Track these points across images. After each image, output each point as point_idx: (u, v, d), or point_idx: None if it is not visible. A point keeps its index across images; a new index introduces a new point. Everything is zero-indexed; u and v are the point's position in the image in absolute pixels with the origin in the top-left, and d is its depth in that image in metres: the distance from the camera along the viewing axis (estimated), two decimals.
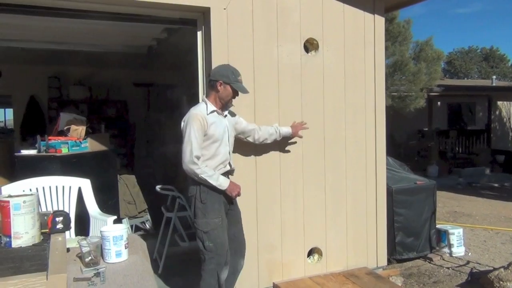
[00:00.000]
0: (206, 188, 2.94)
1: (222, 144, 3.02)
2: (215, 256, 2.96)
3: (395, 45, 10.07)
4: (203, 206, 2.94)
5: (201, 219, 2.95)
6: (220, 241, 2.97)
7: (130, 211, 5.28)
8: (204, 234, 2.94)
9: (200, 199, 2.94)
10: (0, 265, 1.54)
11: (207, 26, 3.55)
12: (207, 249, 2.95)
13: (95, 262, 1.96)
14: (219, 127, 3.00)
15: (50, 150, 4.15)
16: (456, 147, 13.39)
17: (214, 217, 2.95)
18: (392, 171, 4.77)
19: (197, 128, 2.88)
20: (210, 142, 2.96)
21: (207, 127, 2.93)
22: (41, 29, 4.76)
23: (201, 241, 2.97)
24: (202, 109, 2.98)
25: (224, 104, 3.08)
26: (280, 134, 3.51)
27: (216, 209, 2.97)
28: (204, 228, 2.94)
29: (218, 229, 2.96)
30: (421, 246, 4.72)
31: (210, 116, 2.97)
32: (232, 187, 3.00)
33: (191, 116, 2.93)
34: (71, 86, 8.05)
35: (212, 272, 2.98)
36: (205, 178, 2.88)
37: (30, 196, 1.78)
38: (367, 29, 4.08)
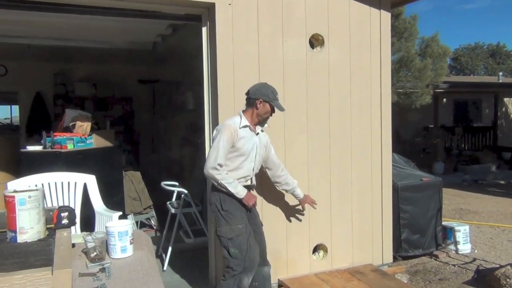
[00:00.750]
0: (227, 196, 2.99)
1: (247, 160, 3.08)
2: (241, 263, 2.94)
3: (401, 41, 10.00)
4: (225, 213, 2.99)
5: (224, 227, 2.98)
6: (245, 247, 2.96)
7: (135, 208, 5.29)
8: (229, 241, 2.96)
9: (222, 207, 2.99)
10: (6, 260, 1.54)
11: (212, 22, 3.54)
12: (232, 256, 2.95)
13: (101, 257, 1.96)
14: (249, 142, 3.06)
15: (55, 146, 4.16)
16: (462, 144, 13.31)
17: (237, 223, 2.98)
18: (398, 167, 4.74)
19: (227, 138, 2.95)
20: (237, 154, 3.02)
21: (237, 139, 2.99)
22: (47, 26, 4.76)
23: (226, 249, 2.97)
24: (236, 122, 3.05)
25: (260, 121, 3.12)
26: (293, 191, 3.50)
27: (238, 215, 3.00)
28: (228, 235, 2.96)
29: (242, 235, 2.97)
30: (427, 243, 4.70)
31: (241, 130, 3.03)
32: (249, 197, 3.04)
33: (224, 126, 3.01)
34: (76, 82, 8.07)
35: (236, 277, 2.95)
36: (224, 184, 2.93)
37: (35, 191, 1.78)
38: (373, 25, 4.05)
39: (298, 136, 3.76)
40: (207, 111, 3.72)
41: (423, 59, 10.56)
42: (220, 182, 2.93)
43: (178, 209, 4.34)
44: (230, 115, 3.49)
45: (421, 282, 4.18)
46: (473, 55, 39.81)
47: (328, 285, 3.58)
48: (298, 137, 3.76)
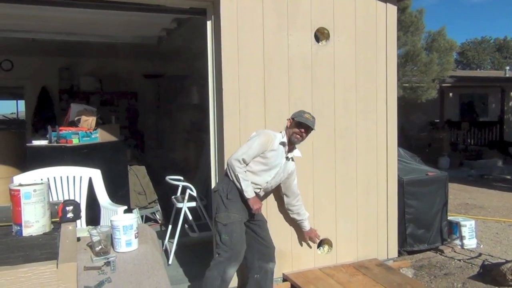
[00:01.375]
0: (236, 189, 3.10)
1: (267, 172, 3.21)
2: (228, 250, 3.03)
3: (407, 35, 9.93)
4: (227, 201, 3.09)
5: (223, 213, 3.09)
6: (236, 235, 3.06)
7: (141, 202, 5.30)
8: (223, 227, 3.05)
9: (227, 195, 3.10)
10: (11, 253, 1.55)
11: (216, 16, 3.53)
12: (222, 241, 3.04)
13: (106, 251, 1.97)
14: (276, 159, 3.21)
15: (61, 140, 4.17)
16: (468, 139, 13.23)
17: (235, 212, 3.09)
18: (403, 162, 4.72)
19: (261, 143, 3.12)
20: (261, 162, 3.17)
21: (269, 149, 3.15)
22: (53, 20, 4.76)
23: (219, 234, 3.08)
24: (277, 136, 3.22)
25: (291, 140, 3.24)
26: (301, 222, 3.64)
27: (239, 207, 3.11)
28: (224, 220, 3.06)
29: (236, 224, 3.07)
30: (432, 238, 4.68)
31: (277, 145, 3.18)
32: (255, 200, 3.14)
33: (265, 132, 3.23)
34: (81, 77, 8.09)
35: (219, 265, 3.04)
36: (240, 177, 3.05)
37: (41, 185, 1.78)
38: (379, 18, 4.02)
39: None
40: (212, 105, 3.71)
41: (429, 53, 10.48)
42: (236, 173, 3.05)
43: (183, 203, 4.34)
44: (234, 109, 3.50)
45: (426, 277, 4.17)
46: (480, 49, 39.48)
47: (333, 280, 3.58)
48: None
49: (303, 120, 3.18)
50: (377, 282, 3.48)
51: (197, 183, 4.84)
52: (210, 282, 3.04)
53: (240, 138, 3.49)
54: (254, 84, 3.54)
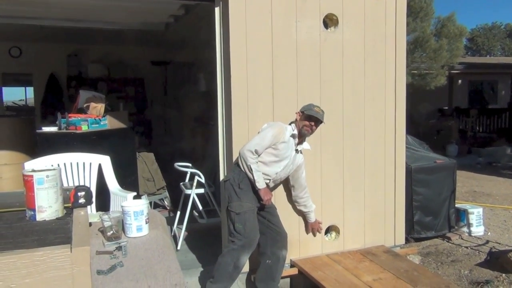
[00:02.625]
0: (247, 179, 3.15)
1: (278, 163, 3.25)
2: (242, 239, 3.09)
3: (416, 21, 9.81)
4: (239, 190, 3.14)
5: (235, 202, 3.14)
6: (250, 224, 3.12)
7: (149, 188, 5.35)
8: (236, 216, 3.11)
9: (239, 184, 3.14)
10: (26, 237, 1.58)
11: (225, 2, 3.50)
12: (236, 230, 3.11)
13: (117, 236, 2.00)
14: (287, 151, 3.24)
15: (70, 127, 4.21)
16: (476, 126, 13.13)
17: (248, 201, 3.14)
18: (412, 149, 4.71)
19: (273, 134, 3.16)
20: (272, 153, 3.20)
21: (280, 141, 3.18)
22: (61, 7, 4.76)
23: (232, 223, 3.13)
24: (288, 128, 3.27)
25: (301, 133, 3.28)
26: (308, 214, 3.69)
27: (251, 196, 3.16)
28: (237, 209, 3.11)
29: (249, 213, 3.13)
30: (439, 225, 4.69)
31: (288, 137, 3.23)
32: (266, 191, 3.20)
33: (277, 124, 3.27)
34: (89, 64, 8.11)
35: (233, 252, 3.10)
36: (252, 167, 3.09)
37: (53, 171, 1.81)
38: (388, 4, 3.97)
39: None
40: (220, 92, 3.71)
41: (438, 39, 10.36)
42: (249, 164, 3.09)
43: (191, 190, 4.38)
44: (243, 97, 3.50)
45: (433, 264, 4.19)
46: (490, 35, 38.88)
47: (340, 266, 3.61)
48: None
49: (313, 113, 3.20)
50: (384, 269, 3.51)
51: (205, 169, 4.87)
52: (222, 268, 3.11)
53: (248, 126, 3.50)
54: (262, 71, 3.54)
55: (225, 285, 3.15)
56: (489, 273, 3.88)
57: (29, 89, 9.07)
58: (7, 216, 1.84)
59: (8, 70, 8.19)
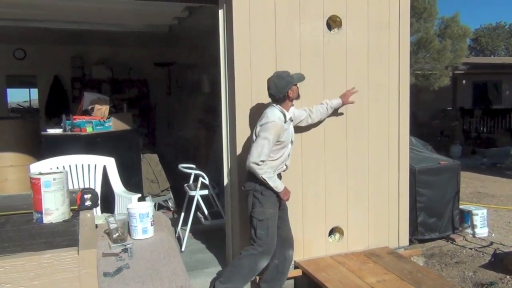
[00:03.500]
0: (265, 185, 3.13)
1: (288, 147, 3.24)
2: (263, 245, 3.12)
3: (419, 21, 9.80)
4: (262, 197, 3.14)
5: (258, 208, 3.14)
6: (272, 231, 3.16)
7: (153, 190, 5.37)
8: (259, 222, 3.13)
9: (261, 192, 3.13)
10: (33, 240, 1.60)
11: (228, 4, 3.52)
12: (258, 236, 3.13)
13: (123, 238, 2.01)
14: (289, 133, 3.23)
15: (75, 129, 4.23)
16: (480, 127, 13.08)
17: (271, 207, 3.16)
18: (415, 151, 4.71)
19: (273, 136, 3.07)
20: (281, 147, 3.18)
21: (282, 135, 3.13)
22: (65, 9, 4.79)
23: (254, 229, 3.15)
24: (281, 117, 3.14)
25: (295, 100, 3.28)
26: (332, 108, 3.61)
27: (273, 202, 3.17)
28: (259, 216, 3.13)
29: (271, 220, 3.16)
30: (443, 226, 4.69)
31: (285, 125, 3.17)
32: (285, 191, 3.21)
33: (272, 124, 3.07)
34: (93, 65, 8.15)
35: (251, 257, 3.14)
36: (265, 177, 3.07)
37: (60, 174, 1.83)
38: (392, 5, 3.97)
39: None
40: (224, 94, 3.73)
41: (442, 40, 10.35)
42: (261, 176, 3.07)
43: (195, 191, 4.39)
44: (246, 98, 3.51)
45: (437, 265, 4.19)
46: (494, 35, 38.72)
47: (344, 267, 3.61)
48: None
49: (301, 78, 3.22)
50: (388, 270, 3.51)
51: (209, 171, 4.88)
52: (237, 270, 3.16)
53: (252, 127, 3.50)
54: (266, 73, 3.53)
55: (237, 285, 3.17)
56: (494, 274, 3.87)
57: (33, 91, 9.11)
58: (14, 219, 1.87)
59: (12, 72, 8.24)
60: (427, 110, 12.38)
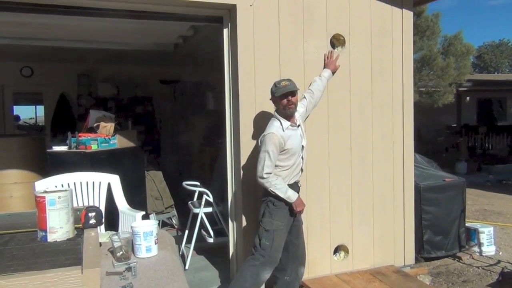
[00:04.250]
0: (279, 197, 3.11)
1: (298, 154, 3.19)
2: (265, 255, 3.07)
3: (423, 39, 9.87)
4: (273, 208, 3.11)
5: (267, 218, 3.12)
6: (276, 243, 3.10)
7: (157, 207, 5.36)
8: (265, 232, 3.09)
9: (274, 202, 3.11)
10: (38, 258, 1.60)
11: (233, 23, 3.57)
12: (261, 246, 3.08)
13: (126, 256, 2.00)
14: (295, 139, 3.16)
15: (80, 146, 4.25)
16: (485, 144, 13.04)
17: (279, 220, 3.11)
18: (420, 168, 4.69)
19: (273, 148, 3.03)
20: (289, 155, 3.12)
21: (285, 143, 3.07)
22: (72, 28, 4.86)
23: (259, 238, 3.11)
24: (278, 128, 3.10)
25: (286, 114, 3.14)
26: (327, 78, 3.58)
27: (283, 214, 3.13)
28: (266, 226, 3.10)
29: (278, 232, 3.10)
30: (450, 244, 4.63)
31: (286, 132, 3.10)
32: (299, 202, 3.16)
33: (269, 136, 3.06)
34: (99, 83, 8.21)
35: (252, 268, 3.08)
36: (274, 190, 3.06)
37: (65, 192, 1.83)
38: (395, 24, 4.02)
39: (319, 136, 3.76)
40: (228, 112, 3.75)
41: (445, 57, 10.40)
42: (270, 189, 3.06)
43: (199, 208, 4.38)
44: (251, 115, 3.52)
45: (444, 284, 4.13)
46: (498, 52, 38.86)
47: (349, 286, 3.57)
48: (319, 137, 3.76)
49: (283, 90, 3.08)
50: None
51: (212, 188, 4.88)
52: (240, 283, 3.09)
53: (256, 145, 3.51)
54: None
55: None
56: None
57: (39, 108, 9.18)
58: (19, 237, 1.87)
59: (19, 89, 8.32)
60: (431, 127, 12.37)
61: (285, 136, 3.08)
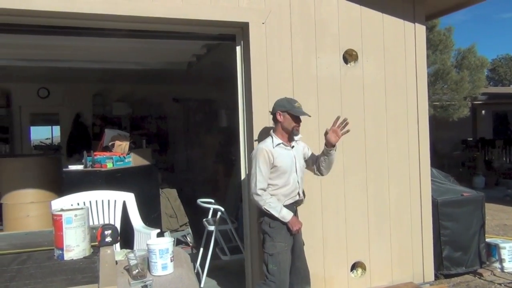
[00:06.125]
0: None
1: (291, 174, 3.11)
2: (276, 281, 3.00)
3: (436, 53, 9.84)
4: (271, 230, 3.05)
5: (268, 242, 3.06)
6: (284, 266, 3.04)
7: (172, 225, 5.35)
8: (270, 257, 3.03)
9: (269, 224, 3.05)
10: (55, 277, 1.60)
11: (246, 41, 3.60)
12: (270, 272, 3.02)
13: (142, 274, 1.99)
14: (286, 158, 3.09)
15: (95, 165, 4.28)
16: (503, 157, 12.80)
17: (281, 240, 3.04)
18: (437, 182, 4.61)
19: (262, 162, 3.01)
20: (279, 173, 3.07)
21: (274, 160, 3.03)
22: (87, 49, 4.96)
23: (265, 264, 3.05)
24: (268, 144, 3.08)
25: (290, 134, 3.11)
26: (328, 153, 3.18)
27: (283, 234, 3.06)
28: (269, 250, 3.04)
29: (283, 253, 3.04)
30: (470, 261, 4.52)
31: (276, 149, 3.06)
32: (294, 221, 3.07)
33: (257, 151, 3.06)
34: (114, 102, 8.33)
35: None
36: (268, 209, 3.01)
37: (81, 210, 1.84)
38: (408, 38, 4.01)
39: None
40: (242, 129, 3.75)
41: (459, 71, 10.33)
42: (263, 207, 3.01)
43: (214, 226, 4.36)
44: (265, 132, 3.52)
45: None
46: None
47: None
48: None
49: (301, 113, 3.06)
50: None
51: (227, 205, 4.86)
52: None
53: None
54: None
55: None
56: None
57: (55, 128, 9.31)
58: (36, 256, 1.87)
59: (36, 110, 8.48)
60: (447, 141, 12.21)
61: (274, 152, 3.03)
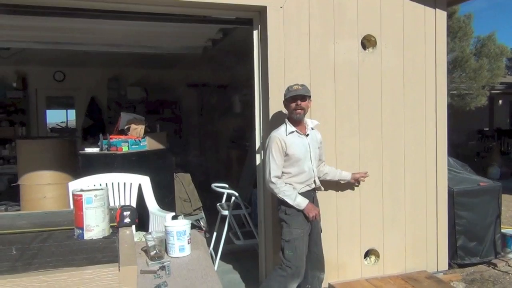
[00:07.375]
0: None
1: (305, 162, 3.12)
2: (292, 267, 3.02)
3: (454, 41, 9.65)
4: (287, 217, 3.07)
5: (285, 229, 3.08)
6: (300, 252, 3.05)
7: (186, 209, 5.39)
8: (286, 243, 3.05)
9: (285, 211, 3.08)
10: (75, 255, 1.62)
11: (263, 25, 3.56)
12: (286, 257, 3.04)
13: (160, 256, 2.01)
14: (300, 146, 3.10)
15: (111, 148, 4.31)
16: None
17: (297, 227, 3.06)
18: (453, 172, 4.56)
19: (275, 150, 3.03)
20: (293, 161, 3.08)
21: (286, 147, 3.05)
22: (103, 33, 4.96)
23: (282, 250, 3.08)
24: (281, 132, 3.11)
25: (293, 118, 3.11)
26: (339, 177, 3.53)
27: (299, 221, 3.07)
28: (286, 237, 3.06)
29: (299, 240, 3.06)
30: (485, 251, 4.48)
31: (289, 137, 3.08)
32: (309, 208, 3.07)
33: (271, 139, 3.09)
34: (128, 87, 8.37)
35: (280, 279, 3.03)
36: (282, 196, 3.03)
37: (101, 191, 1.85)
38: (428, 24, 3.93)
39: (349, 138, 3.71)
40: (258, 114, 3.74)
41: (478, 59, 10.13)
42: (278, 195, 3.04)
43: (228, 210, 4.38)
44: (280, 118, 3.50)
45: None
46: None
47: None
48: (349, 139, 3.71)
49: (292, 93, 3.05)
50: None
51: (240, 190, 4.87)
52: None
53: None
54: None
55: None
56: None
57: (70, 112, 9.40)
58: (56, 235, 1.90)
59: (52, 93, 8.57)
60: (462, 131, 12.05)
61: (287, 140, 3.04)
